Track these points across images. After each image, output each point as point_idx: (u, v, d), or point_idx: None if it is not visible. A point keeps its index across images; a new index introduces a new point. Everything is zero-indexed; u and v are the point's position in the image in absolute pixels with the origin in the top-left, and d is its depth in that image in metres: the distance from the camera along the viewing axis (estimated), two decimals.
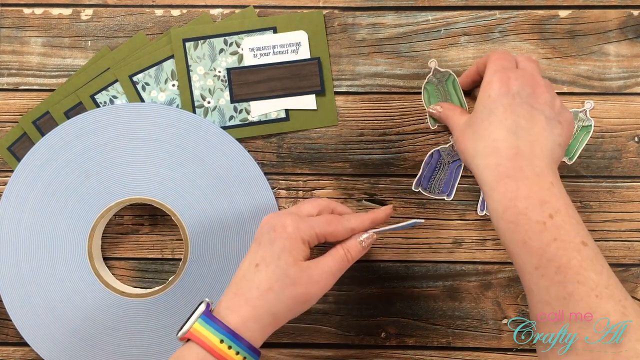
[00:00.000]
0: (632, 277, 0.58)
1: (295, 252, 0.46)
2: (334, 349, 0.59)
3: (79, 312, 0.57)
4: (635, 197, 0.58)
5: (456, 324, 0.59)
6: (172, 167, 0.57)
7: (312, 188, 0.59)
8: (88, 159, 0.57)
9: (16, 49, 0.59)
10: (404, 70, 0.59)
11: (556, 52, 0.58)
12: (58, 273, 0.57)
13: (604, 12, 0.58)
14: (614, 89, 0.58)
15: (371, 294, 0.59)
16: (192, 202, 0.57)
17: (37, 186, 0.57)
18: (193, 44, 0.58)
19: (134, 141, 0.57)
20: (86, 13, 0.59)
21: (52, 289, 0.57)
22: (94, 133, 0.57)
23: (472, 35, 0.58)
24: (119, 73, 0.58)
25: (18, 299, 0.57)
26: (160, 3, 0.59)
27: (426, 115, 0.59)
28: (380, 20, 0.59)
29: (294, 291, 0.45)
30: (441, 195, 0.58)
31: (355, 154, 0.59)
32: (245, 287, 0.45)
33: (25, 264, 0.57)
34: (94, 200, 0.57)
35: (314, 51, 0.58)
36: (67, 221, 0.57)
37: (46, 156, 0.57)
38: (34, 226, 0.57)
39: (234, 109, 0.59)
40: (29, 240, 0.57)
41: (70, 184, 0.57)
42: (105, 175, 0.57)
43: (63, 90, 0.59)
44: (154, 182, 0.57)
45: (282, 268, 0.45)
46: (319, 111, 0.59)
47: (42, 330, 0.57)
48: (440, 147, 0.58)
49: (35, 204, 0.57)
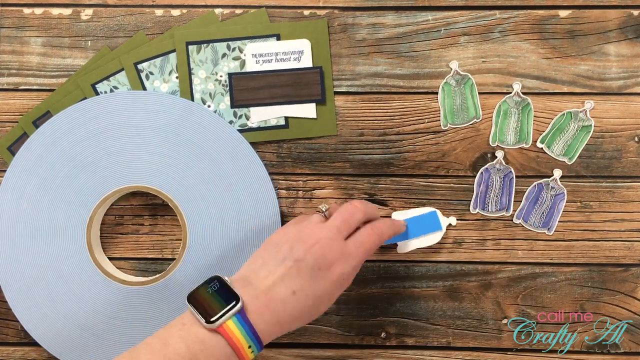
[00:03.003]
0: (632, 277, 0.58)
1: (336, 295, 0.48)
2: (334, 349, 0.59)
3: (82, 303, 0.57)
4: (635, 197, 0.58)
5: (456, 324, 0.59)
6: (166, 154, 0.57)
7: (312, 188, 0.59)
8: (83, 149, 0.57)
9: (16, 49, 0.59)
10: (404, 70, 0.59)
11: (556, 52, 0.58)
12: (58, 264, 0.57)
13: (604, 12, 0.58)
14: (614, 89, 0.58)
15: (371, 294, 0.59)
16: (188, 187, 0.57)
17: (33, 179, 0.57)
18: (196, 47, 0.58)
19: (128, 129, 0.57)
20: (86, 13, 0.59)
21: (53, 281, 0.57)
22: (89, 123, 0.57)
23: (472, 35, 0.58)
24: (125, 59, 0.58)
25: (19, 292, 0.57)
26: (160, 3, 0.59)
27: (427, 115, 0.59)
28: (380, 20, 0.59)
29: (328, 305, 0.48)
30: (500, 212, 0.58)
31: (355, 154, 0.59)
32: (280, 308, 0.45)
33: (25, 258, 0.57)
34: (91, 190, 0.57)
35: (316, 60, 0.58)
36: (65, 212, 0.57)
37: (41, 149, 0.57)
38: (32, 219, 0.57)
39: (234, 114, 0.58)
40: (27, 233, 0.57)
41: (66, 175, 0.57)
42: (101, 165, 0.57)
43: (63, 90, 0.59)
44: (150, 170, 0.57)
45: (320, 303, 0.47)
46: (318, 120, 0.59)
47: (45, 322, 0.57)
48: (488, 164, 0.58)
49: (33, 197, 0.57)
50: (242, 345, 0.43)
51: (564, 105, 0.58)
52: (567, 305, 0.58)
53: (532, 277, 0.58)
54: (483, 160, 0.58)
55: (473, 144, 0.58)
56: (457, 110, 0.58)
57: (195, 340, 0.43)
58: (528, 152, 0.58)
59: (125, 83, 0.58)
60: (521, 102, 0.58)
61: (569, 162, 0.58)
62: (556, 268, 0.58)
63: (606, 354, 0.59)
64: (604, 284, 0.58)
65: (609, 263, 0.58)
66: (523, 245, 0.59)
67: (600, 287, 0.58)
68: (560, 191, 0.58)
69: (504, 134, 0.58)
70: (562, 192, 0.58)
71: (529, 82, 0.58)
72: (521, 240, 0.59)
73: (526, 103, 0.58)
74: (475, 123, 0.58)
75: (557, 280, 0.58)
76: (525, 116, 0.58)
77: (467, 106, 0.58)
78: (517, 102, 0.58)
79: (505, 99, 0.58)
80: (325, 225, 0.48)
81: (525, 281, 0.58)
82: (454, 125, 0.58)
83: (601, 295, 0.58)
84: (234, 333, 0.43)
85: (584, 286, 0.58)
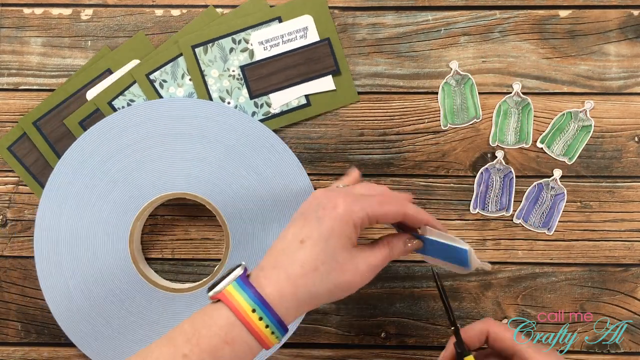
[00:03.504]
0: (632, 277, 0.58)
1: (344, 236, 0.43)
2: (334, 349, 0.59)
3: (133, 316, 0.57)
4: (635, 197, 0.58)
5: None
6: (198, 158, 0.57)
7: (312, 188, 0.59)
8: (114, 164, 0.57)
9: (16, 49, 0.59)
10: (404, 70, 0.59)
11: (556, 52, 0.58)
12: (102, 276, 0.57)
13: (604, 12, 0.58)
14: (614, 89, 0.58)
15: (371, 294, 0.59)
16: (224, 188, 0.56)
17: (68, 202, 0.57)
18: (202, 48, 0.58)
19: (155, 138, 0.57)
20: (86, 13, 0.59)
21: (101, 300, 0.57)
22: (116, 137, 0.57)
23: (472, 35, 0.58)
24: (136, 73, 0.58)
25: (69, 315, 0.57)
26: (160, 3, 0.59)
27: (427, 115, 0.59)
28: (380, 20, 0.59)
29: (339, 277, 0.43)
30: (500, 212, 0.58)
31: (355, 154, 0.59)
32: (287, 262, 0.43)
33: (72, 281, 0.57)
34: (127, 204, 0.57)
35: (321, 32, 0.58)
36: (104, 228, 0.57)
37: (71, 171, 0.57)
38: (72, 241, 0.57)
39: (255, 105, 0.58)
40: (69, 256, 0.57)
41: (101, 192, 0.57)
42: (133, 177, 0.57)
43: (63, 91, 0.59)
44: (183, 176, 0.57)
45: (331, 251, 0.43)
46: (338, 91, 0.58)
47: (99, 341, 0.57)
48: (488, 164, 0.58)
49: (70, 219, 0.57)
50: (243, 309, 0.41)
51: (564, 105, 0.58)
52: (567, 305, 0.58)
53: (532, 277, 0.58)
54: (483, 160, 0.58)
55: (473, 144, 0.58)
56: (457, 110, 0.58)
57: (199, 314, 0.42)
58: (528, 152, 0.58)
59: (140, 94, 0.58)
60: (521, 102, 0.58)
61: (569, 162, 0.58)
62: (556, 268, 0.58)
63: (606, 354, 0.59)
64: (604, 284, 0.58)
65: (609, 263, 0.58)
66: (523, 245, 0.59)
67: (600, 287, 0.58)
68: (560, 191, 0.58)
69: (504, 134, 0.58)
70: (562, 192, 0.58)
71: (529, 82, 0.58)
72: (521, 240, 0.59)
73: (526, 103, 0.58)
74: (475, 123, 0.58)
75: (557, 280, 0.58)
76: (525, 116, 0.58)
77: (467, 106, 0.58)
78: (517, 102, 0.58)
79: (505, 99, 0.58)
80: None
81: (525, 281, 0.59)
82: (454, 125, 0.58)
83: (601, 295, 0.58)
84: (234, 297, 0.41)
85: (584, 286, 0.58)
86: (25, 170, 0.59)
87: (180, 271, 0.60)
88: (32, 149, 0.59)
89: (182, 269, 0.60)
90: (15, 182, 0.60)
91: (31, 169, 0.59)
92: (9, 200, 0.60)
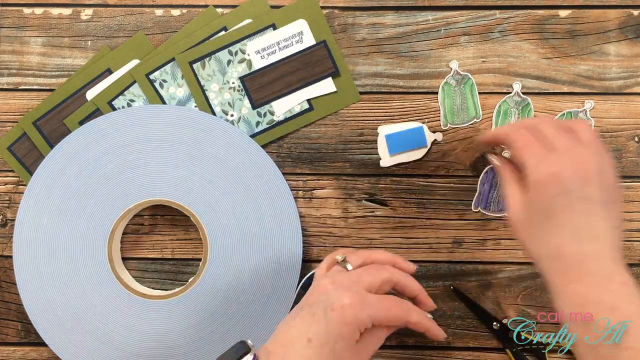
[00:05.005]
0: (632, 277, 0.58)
1: (351, 339, 0.45)
2: None
3: (100, 315, 0.57)
4: (635, 197, 0.58)
5: (456, 323, 0.59)
6: (189, 168, 0.57)
7: (312, 188, 0.59)
8: (107, 162, 0.57)
9: (16, 49, 0.59)
10: (404, 70, 0.59)
11: (556, 52, 0.58)
12: (78, 277, 0.57)
13: (604, 12, 0.58)
14: (614, 89, 0.58)
15: None
16: (210, 201, 0.57)
17: (55, 191, 0.57)
18: (200, 63, 0.58)
19: (151, 143, 0.57)
20: (86, 13, 0.59)
21: (73, 293, 0.57)
22: (112, 136, 0.57)
23: (472, 35, 0.58)
24: (136, 73, 0.58)
25: (39, 302, 0.57)
26: (160, 3, 0.59)
27: (427, 115, 0.59)
28: (380, 20, 0.59)
29: None
30: (501, 212, 0.58)
31: (355, 154, 0.59)
32: (294, 357, 0.44)
33: (46, 268, 0.57)
34: (113, 203, 0.57)
35: (317, 35, 0.58)
36: (86, 224, 0.57)
37: (64, 161, 0.57)
38: (53, 230, 0.57)
39: (258, 114, 0.58)
40: (48, 244, 0.57)
41: (89, 187, 0.57)
42: (123, 178, 0.57)
43: (63, 90, 0.59)
44: (172, 184, 0.57)
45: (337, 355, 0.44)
46: (339, 92, 0.59)
47: (64, 333, 0.57)
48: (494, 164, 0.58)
49: (54, 209, 0.57)
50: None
51: (564, 105, 0.58)
52: None
53: (532, 277, 0.58)
54: (483, 160, 0.58)
55: (473, 144, 0.58)
56: (457, 110, 0.58)
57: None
58: None
59: (140, 94, 0.58)
60: (521, 102, 0.58)
61: None
62: None
63: None
64: None
65: None
66: None
67: None
68: None
69: None
70: None
71: (529, 82, 0.58)
72: None
73: (526, 103, 0.58)
74: (475, 123, 0.58)
75: None
76: (525, 116, 0.58)
77: (467, 106, 0.58)
78: (517, 102, 0.58)
79: (505, 98, 0.58)
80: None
81: (525, 281, 0.58)
82: (454, 125, 0.59)
83: None
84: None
85: None
86: (25, 170, 0.59)
87: (181, 271, 0.60)
88: (32, 149, 0.59)
89: (182, 269, 0.60)
90: (15, 182, 0.60)
91: (31, 169, 0.59)
92: (9, 200, 0.60)
